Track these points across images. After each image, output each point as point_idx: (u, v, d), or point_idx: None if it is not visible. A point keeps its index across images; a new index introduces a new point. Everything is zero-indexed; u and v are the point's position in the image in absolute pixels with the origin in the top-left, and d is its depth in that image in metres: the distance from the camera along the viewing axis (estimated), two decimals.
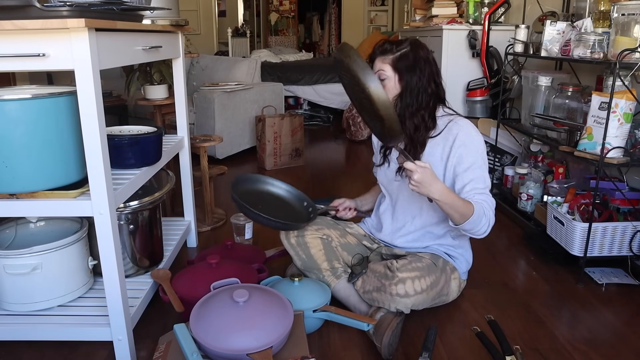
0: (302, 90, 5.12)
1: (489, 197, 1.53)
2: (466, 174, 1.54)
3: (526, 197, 2.40)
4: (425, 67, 1.56)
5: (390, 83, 1.58)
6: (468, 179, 1.53)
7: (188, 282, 1.60)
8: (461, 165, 1.55)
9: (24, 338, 1.46)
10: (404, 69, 1.55)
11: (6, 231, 1.59)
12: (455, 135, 1.57)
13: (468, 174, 1.54)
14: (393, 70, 1.56)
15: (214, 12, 7.25)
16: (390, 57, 1.57)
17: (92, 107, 1.20)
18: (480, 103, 3.16)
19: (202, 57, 4.29)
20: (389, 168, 1.75)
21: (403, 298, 1.51)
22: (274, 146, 3.53)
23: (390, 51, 1.58)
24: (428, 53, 1.59)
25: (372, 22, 7.67)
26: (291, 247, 1.70)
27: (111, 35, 1.29)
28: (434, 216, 1.69)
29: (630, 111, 1.77)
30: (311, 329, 1.55)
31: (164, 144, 1.75)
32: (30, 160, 1.27)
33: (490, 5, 3.15)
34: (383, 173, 1.78)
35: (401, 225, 1.75)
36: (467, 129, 1.58)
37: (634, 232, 1.87)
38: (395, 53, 1.57)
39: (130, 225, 1.67)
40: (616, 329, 1.62)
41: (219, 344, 1.22)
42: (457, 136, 1.56)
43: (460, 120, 1.60)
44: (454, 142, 1.56)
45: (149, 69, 2.44)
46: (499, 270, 2.02)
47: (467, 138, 1.56)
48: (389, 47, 1.58)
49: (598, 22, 2.05)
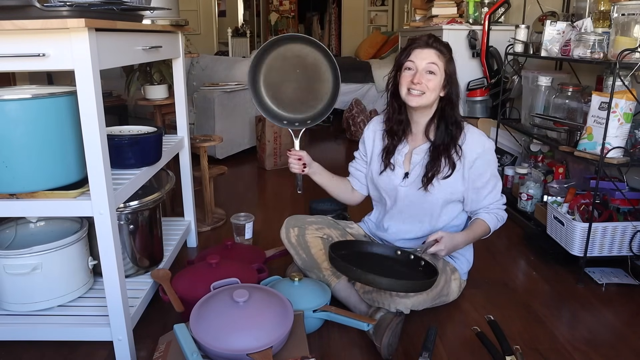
0: None
1: (503, 199, 1.71)
2: (486, 187, 1.66)
3: (526, 197, 2.40)
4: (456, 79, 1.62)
5: (436, 80, 1.57)
6: (487, 192, 1.67)
7: (188, 282, 1.60)
8: (481, 179, 1.65)
9: (24, 338, 1.46)
10: (452, 74, 1.59)
11: (6, 231, 1.59)
12: (469, 147, 1.63)
13: (488, 186, 1.66)
14: (444, 72, 1.57)
15: (214, 12, 7.25)
16: (445, 58, 1.57)
17: (92, 107, 1.19)
18: (480, 103, 3.16)
19: (202, 57, 4.29)
20: (394, 172, 1.70)
21: (403, 298, 1.51)
22: (274, 146, 3.53)
23: (446, 52, 1.58)
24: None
25: (372, 22, 7.66)
26: (292, 246, 1.70)
27: (111, 35, 1.29)
28: (444, 220, 1.70)
29: (630, 111, 1.77)
30: (311, 329, 1.55)
31: (164, 144, 1.75)
32: (30, 160, 1.27)
33: (490, 5, 3.14)
34: (387, 179, 1.72)
35: (409, 229, 1.74)
36: (480, 138, 1.65)
37: (634, 232, 1.87)
38: (447, 56, 1.58)
39: (130, 225, 1.67)
40: (616, 329, 1.62)
41: (219, 344, 1.22)
42: (472, 148, 1.62)
43: (471, 129, 1.65)
44: (470, 155, 1.62)
45: (149, 69, 2.44)
46: (499, 270, 2.02)
47: (480, 149, 1.63)
48: (443, 48, 1.58)
49: (598, 22, 2.05)
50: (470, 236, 1.66)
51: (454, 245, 1.61)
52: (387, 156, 1.71)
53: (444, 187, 1.63)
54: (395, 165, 1.70)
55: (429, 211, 1.68)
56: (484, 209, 1.68)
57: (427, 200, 1.65)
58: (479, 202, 1.67)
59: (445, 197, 1.64)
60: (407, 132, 1.69)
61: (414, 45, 1.59)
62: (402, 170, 1.69)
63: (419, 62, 1.56)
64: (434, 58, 1.56)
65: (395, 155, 1.70)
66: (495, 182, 1.67)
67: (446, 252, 1.59)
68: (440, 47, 1.58)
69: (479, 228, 1.67)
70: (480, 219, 1.67)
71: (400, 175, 1.69)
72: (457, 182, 1.63)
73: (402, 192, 1.69)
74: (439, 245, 1.57)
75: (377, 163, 1.74)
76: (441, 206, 1.66)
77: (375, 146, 1.76)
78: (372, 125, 1.79)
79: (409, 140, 1.70)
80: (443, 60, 1.57)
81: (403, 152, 1.69)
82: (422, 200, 1.66)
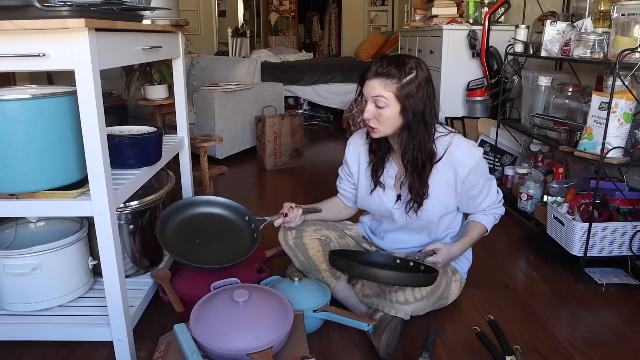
0: (302, 90, 5.12)
1: (499, 197, 1.68)
2: (481, 194, 1.63)
3: (526, 197, 2.40)
4: (430, 92, 1.45)
5: (388, 112, 1.43)
6: (482, 198, 1.63)
7: (188, 282, 1.60)
8: (475, 189, 1.61)
9: (24, 338, 1.46)
10: (411, 100, 1.41)
11: (6, 231, 1.59)
12: (460, 163, 1.52)
13: (483, 193, 1.63)
14: (397, 99, 1.42)
15: (214, 12, 7.25)
16: (396, 85, 1.40)
17: (92, 107, 1.19)
18: (480, 103, 3.16)
19: (202, 57, 4.30)
20: (385, 193, 1.63)
21: (403, 305, 1.50)
22: (274, 146, 3.53)
23: (396, 77, 1.40)
24: (429, 72, 1.48)
25: (372, 22, 7.66)
26: (289, 249, 1.70)
27: (111, 35, 1.29)
28: (442, 230, 1.69)
29: (630, 111, 1.77)
30: (311, 329, 1.55)
31: (164, 144, 1.75)
32: (30, 160, 1.27)
33: (490, 5, 3.15)
34: (377, 199, 1.64)
35: (407, 239, 1.72)
36: (468, 149, 1.53)
37: (634, 232, 1.87)
38: (401, 80, 1.40)
39: (130, 225, 1.67)
40: (616, 329, 1.62)
41: (219, 344, 1.22)
42: (462, 163, 1.52)
43: (458, 141, 1.53)
44: (462, 170, 1.53)
45: (149, 69, 2.45)
46: (499, 270, 2.02)
47: (472, 161, 1.52)
48: (394, 72, 1.40)
49: (598, 22, 2.05)
50: (467, 243, 1.65)
51: (451, 256, 1.62)
52: (376, 174, 1.63)
53: (437, 205, 1.59)
54: (386, 186, 1.63)
55: (426, 225, 1.66)
56: (481, 211, 1.67)
57: (423, 220, 1.63)
58: (475, 207, 1.66)
59: (440, 213, 1.62)
60: (390, 151, 1.61)
61: (364, 74, 1.45)
62: (393, 192, 1.63)
63: (367, 94, 1.45)
64: (379, 90, 1.41)
65: (385, 176, 1.63)
66: (489, 186, 1.63)
67: (443, 264, 1.59)
68: (388, 72, 1.40)
69: (476, 232, 1.66)
70: (476, 221, 1.66)
71: (392, 197, 1.63)
72: (450, 197, 1.60)
73: (397, 214, 1.64)
74: (437, 257, 1.57)
75: (367, 181, 1.67)
76: (438, 220, 1.65)
77: (361, 166, 1.67)
78: (353, 145, 1.70)
79: (395, 158, 1.62)
80: (392, 88, 1.40)
81: (392, 174, 1.63)
82: (419, 221, 1.63)
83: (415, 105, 1.43)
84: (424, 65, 1.47)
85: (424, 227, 1.67)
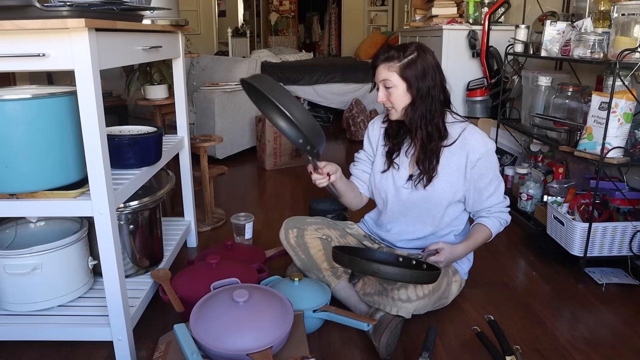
0: (302, 90, 5.12)
1: (507, 202, 1.69)
2: (488, 188, 1.64)
3: (526, 197, 2.40)
4: (435, 74, 1.53)
5: (397, 92, 1.53)
6: (489, 193, 1.64)
7: (188, 282, 1.60)
8: (483, 180, 1.62)
9: (24, 338, 1.46)
10: (413, 77, 1.51)
11: (6, 231, 1.59)
12: (473, 147, 1.58)
13: (490, 187, 1.64)
14: (401, 78, 1.52)
15: (214, 12, 7.24)
16: (397, 64, 1.51)
17: (92, 107, 1.19)
18: (480, 103, 3.16)
19: (202, 57, 4.29)
20: (398, 172, 1.68)
21: (405, 303, 1.50)
22: (274, 146, 3.53)
23: (397, 58, 1.51)
24: (434, 58, 1.56)
25: (372, 22, 7.66)
26: (291, 247, 1.70)
27: (111, 35, 1.29)
28: (447, 221, 1.69)
29: (630, 111, 1.77)
30: (311, 329, 1.55)
31: (164, 144, 1.75)
32: (30, 160, 1.27)
33: (490, 5, 3.15)
34: (390, 179, 1.69)
35: (412, 230, 1.73)
36: (481, 137, 1.61)
37: (634, 232, 1.87)
38: (402, 60, 1.51)
39: (130, 225, 1.67)
40: (616, 329, 1.62)
41: (219, 344, 1.22)
42: (474, 147, 1.58)
43: (472, 128, 1.62)
44: (473, 154, 1.58)
45: (149, 69, 2.45)
46: (499, 270, 2.02)
47: (483, 147, 1.59)
48: (395, 54, 1.52)
49: (598, 22, 2.05)
50: (470, 246, 1.65)
51: (454, 257, 1.62)
52: (390, 155, 1.69)
53: (446, 187, 1.62)
54: (400, 166, 1.68)
55: (432, 212, 1.67)
56: (486, 210, 1.66)
57: (430, 201, 1.64)
58: (481, 202, 1.66)
59: (448, 197, 1.63)
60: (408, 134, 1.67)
61: (373, 63, 1.58)
62: (406, 171, 1.67)
63: (377, 81, 1.57)
64: (384, 74, 1.53)
65: (401, 156, 1.68)
66: (497, 184, 1.65)
67: (445, 264, 1.58)
68: (389, 56, 1.52)
69: (481, 235, 1.66)
70: (482, 224, 1.66)
71: (404, 176, 1.67)
72: (459, 182, 1.62)
73: (405, 193, 1.67)
74: (439, 257, 1.57)
75: (381, 161, 1.73)
76: (445, 207, 1.66)
77: (379, 143, 1.75)
78: (377, 123, 1.77)
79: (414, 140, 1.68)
80: (395, 68, 1.51)
81: (410, 154, 1.68)
82: (426, 202, 1.65)
83: (420, 82, 1.52)
84: (427, 49, 1.56)
85: (429, 210, 1.66)
